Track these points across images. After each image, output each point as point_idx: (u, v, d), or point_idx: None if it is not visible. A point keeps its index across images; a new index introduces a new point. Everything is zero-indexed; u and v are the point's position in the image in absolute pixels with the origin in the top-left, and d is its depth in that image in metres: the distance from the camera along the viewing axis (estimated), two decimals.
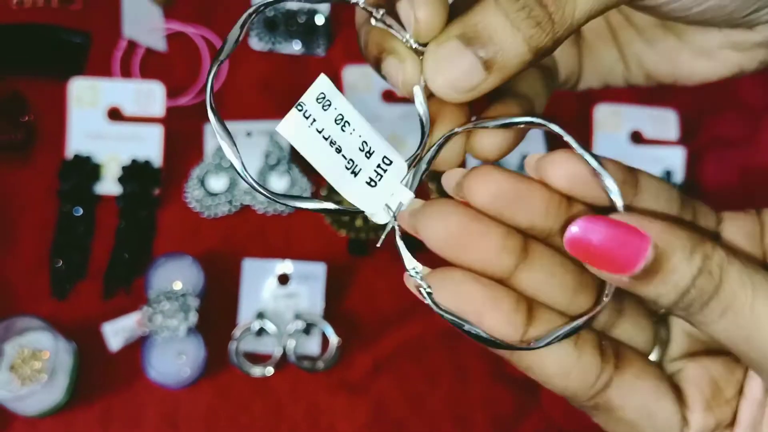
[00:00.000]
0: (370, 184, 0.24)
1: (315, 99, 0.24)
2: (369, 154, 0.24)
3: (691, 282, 0.23)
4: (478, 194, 0.24)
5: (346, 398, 0.61)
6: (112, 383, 0.59)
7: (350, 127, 0.24)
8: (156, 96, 0.66)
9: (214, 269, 0.62)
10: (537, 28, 0.24)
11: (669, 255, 0.23)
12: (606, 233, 0.23)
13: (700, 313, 0.23)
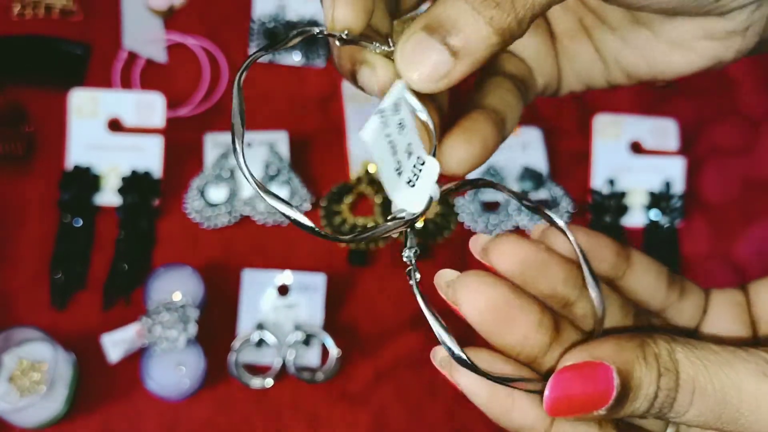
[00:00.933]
0: (409, 184, 0.25)
1: (393, 104, 0.25)
2: (409, 154, 0.25)
3: (657, 386, 0.24)
4: (505, 262, 0.26)
5: (346, 409, 0.60)
6: (112, 394, 0.59)
7: (405, 130, 0.25)
8: (156, 107, 0.66)
9: (213, 280, 0.62)
10: (497, 9, 0.24)
11: (631, 372, 0.24)
12: (578, 381, 0.25)
13: (672, 410, 0.24)
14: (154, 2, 0.73)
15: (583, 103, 0.73)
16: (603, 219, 0.68)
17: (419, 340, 0.63)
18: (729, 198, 0.71)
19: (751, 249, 0.69)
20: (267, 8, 0.73)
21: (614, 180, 0.69)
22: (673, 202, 0.68)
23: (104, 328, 0.58)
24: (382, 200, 0.66)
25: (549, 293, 0.26)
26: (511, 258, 0.26)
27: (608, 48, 0.34)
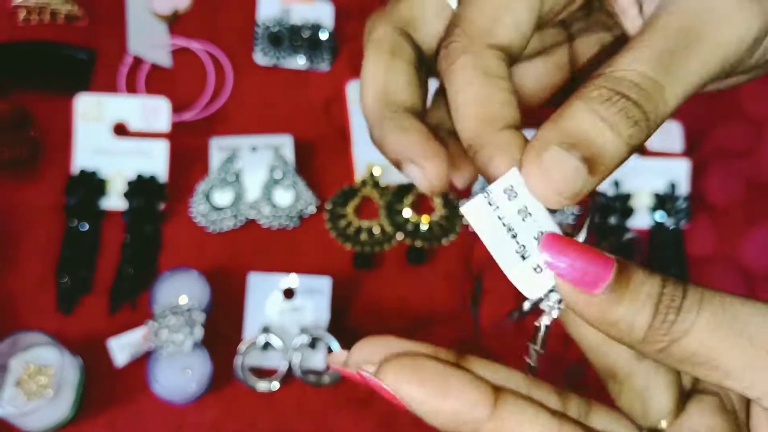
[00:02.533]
0: (536, 270, 0.25)
1: (502, 190, 0.25)
2: (532, 236, 0.25)
3: (661, 288, 0.23)
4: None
5: (352, 412, 0.60)
6: (118, 398, 0.59)
7: (531, 218, 0.25)
8: (161, 111, 0.66)
9: (219, 283, 0.62)
10: (635, 127, 0.24)
11: (632, 271, 0.23)
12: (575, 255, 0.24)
13: (678, 318, 0.23)
14: (159, 7, 0.73)
15: None
16: (608, 221, 0.68)
17: None
18: (734, 199, 0.71)
19: (756, 250, 0.69)
20: (271, 12, 0.73)
21: (619, 182, 0.69)
22: (679, 203, 0.68)
23: (110, 332, 0.59)
24: (387, 203, 0.66)
25: None
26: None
27: None
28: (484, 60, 0.27)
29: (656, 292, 0.23)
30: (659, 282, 0.23)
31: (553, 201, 0.25)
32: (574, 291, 0.24)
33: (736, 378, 0.23)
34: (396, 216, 0.66)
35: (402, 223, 0.66)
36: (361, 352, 0.27)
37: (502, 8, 0.27)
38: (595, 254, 0.24)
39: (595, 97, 0.24)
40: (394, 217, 0.66)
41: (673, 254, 0.68)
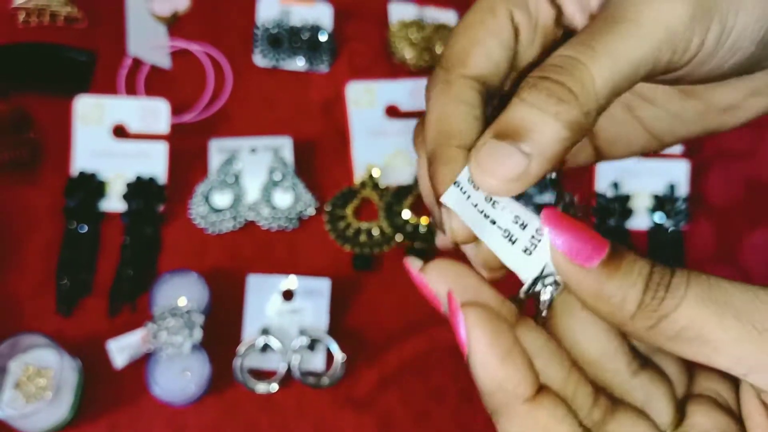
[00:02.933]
0: (526, 252, 0.26)
1: (467, 180, 0.27)
2: (523, 226, 0.26)
3: (651, 268, 0.24)
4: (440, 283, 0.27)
5: (351, 414, 0.60)
6: (117, 400, 0.59)
7: (500, 205, 0.27)
8: (161, 113, 0.66)
9: (218, 285, 0.62)
10: (562, 104, 0.25)
11: (624, 251, 0.25)
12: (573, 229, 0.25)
13: (668, 293, 0.24)
14: (159, 9, 0.73)
15: None
16: (607, 222, 0.68)
17: (424, 345, 0.63)
18: (734, 201, 0.71)
19: (756, 252, 0.69)
20: (271, 14, 0.73)
21: (618, 183, 0.69)
22: (678, 205, 0.68)
23: (110, 334, 0.59)
24: (386, 205, 0.66)
25: None
26: (448, 280, 0.26)
27: (658, 124, 0.35)
28: (456, 87, 0.30)
29: (646, 272, 0.24)
30: (648, 262, 0.25)
31: (498, 189, 0.26)
32: (570, 264, 0.25)
33: (724, 353, 0.23)
34: (395, 217, 0.66)
35: (401, 224, 0.66)
36: (439, 269, 0.27)
37: (475, 43, 0.30)
38: (591, 232, 0.25)
39: (524, 88, 0.26)
40: (394, 219, 0.66)
41: (673, 256, 0.68)
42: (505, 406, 0.25)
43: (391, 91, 0.70)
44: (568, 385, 0.26)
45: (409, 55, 0.73)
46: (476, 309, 0.25)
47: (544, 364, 0.26)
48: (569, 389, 0.26)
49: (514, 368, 0.25)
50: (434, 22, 0.75)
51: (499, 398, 0.25)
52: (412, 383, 0.62)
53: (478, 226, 0.27)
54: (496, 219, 0.27)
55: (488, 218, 0.27)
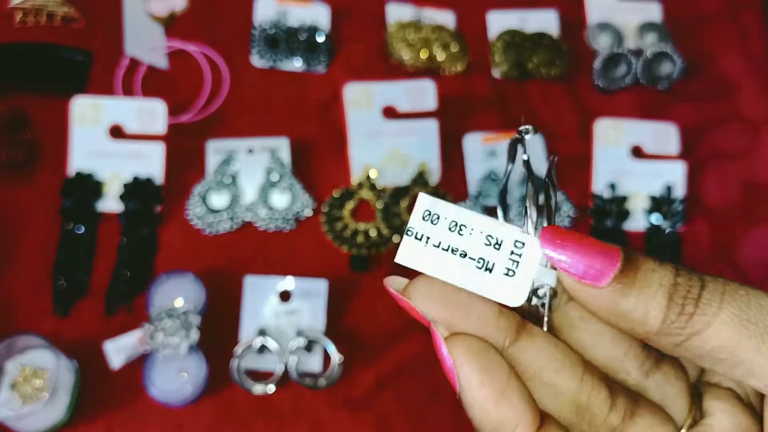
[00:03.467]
0: (508, 275, 0.24)
1: (421, 219, 0.25)
2: (498, 245, 0.24)
3: (674, 278, 0.22)
4: (429, 304, 0.25)
5: (348, 415, 0.60)
6: (114, 401, 0.59)
7: (467, 229, 0.24)
8: (158, 114, 0.66)
9: (215, 286, 0.62)
10: None
11: (640, 261, 0.23)
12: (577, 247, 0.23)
13: (698, 310, 0.22)
14: (156, 9, 0.73)
15: (583, 108, 0.74)
16: (604, 223, 0.68)
17: (421, 346, 0.63)
18: (731, 202, 0.71)
19: (753, 253, 0.69)
20: (268, 14, 0.73)
21: (615, 184, 0.69)
22: (675, 206, 0.68)
23: (106, 335, 0.58)
24: (384, 206, 0.66)
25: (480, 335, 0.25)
26: (435, 300, 0.24)
27: None
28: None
29: (669, 282, 0.22)
30: (671, 271, 0.23)
31: None
32: (581, 285, 0.23)
33: (759, 376, 0.22)
34: (393, 218, 0.66)
35: (399, 225, 0.66)
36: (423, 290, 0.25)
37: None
38: (598, 246, 0.23)
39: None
40: (391, 220, 0.66)
41: (670, 257, 0.68)
42: None
43: (389, 92, 0.70)
44: (582, 393, 0.24)
45: (407, 56, 0.73)
46: (463, 343, 0.23)
47: (553, 376, 0.24)
48: (583, 398, 0.24)
49: (511, 409, 0.23)
50: (432, 23, 0.75)
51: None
52: (409, 384, 0.62)
53: (445, 271, 0.24)
54: (466, 249, 0.24)
55: (456, 253, 0.24)
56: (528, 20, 0.76)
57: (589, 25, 0.77)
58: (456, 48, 0.74)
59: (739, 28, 0.79)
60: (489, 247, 0.24)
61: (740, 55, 0.78)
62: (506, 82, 0.74)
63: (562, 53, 0.74)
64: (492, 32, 0.76)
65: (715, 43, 0.78)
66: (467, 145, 0.70)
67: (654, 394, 0.26)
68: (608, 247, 0.23)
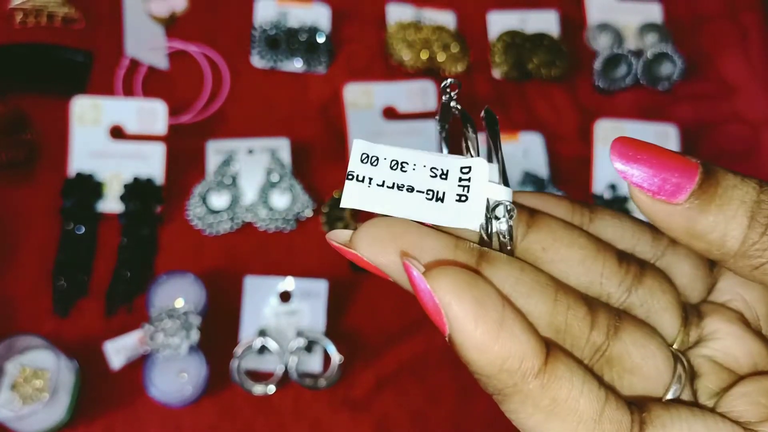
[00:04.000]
0: (461, 200, 0.23)
1: (360, 161, 0.24)
2: (444, 175, 0.23)
3: (760, 192, 0.20)
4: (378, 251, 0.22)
5: (348, 416, 0.60)
6: (114, 402, 0.59)
7: (410, 165, 0.23)
8: (158, 114, 0.66)
9: (215, 287, 0.62)
10: None
11: (720, 175, 0.21)
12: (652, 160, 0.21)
13: None
14: (156, 10, 0.73)
15: (583, 109, 0.74)
16: None
17: (421, 347, 0.63)
18: None
19: None
20: (268, 15, 0.73)
21: (615, 185, 0.69)
22: None
23: (107, 336, 0.59)
24: None
25: None
26: (382, 244, 0.22)
27: None
28: None
29: (751, 199, 0.20)
30: (755, 187, 0.20)
31: None
32: (654, 202, 0.21)
33: None
34: None
35: None
36: (368, 235, 0.22)
37: None
38: (675, 158, 0.21)
39: None
40: None
41: None
42: (512, 387, 0.20)
43: (389, 92, 0.70)
44: (557, 315, 0.22)
45: (407, 56, 0.73)
46: (447, 276, 0.20)
47: (524, 302, 0.21)
48: (560, 320, 0.22)
49: (514, 340, 0.20)
50: (432, 24, 0.75)
51: (504, 380, 0.20)
52: (409, 384, 0.62)
53: (395, 206, 0.23)
54: (412, 184, 0.23)
55: (403, 189, 0.23)
56: (528, 21, 0.76)
57: (589, 26, 0.77)
58: (456, 48, 0.74)
59: (739, 29, 0.79)
60: (435, 178, 0.23)
61: (740, 56, 0.78)
62: (506, 82, 0.74)
63: (562, 54, 0.74)
64: (492, 33, 0.76)
65: (715, 44, 0.78)
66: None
67: (638, 311, 0.24)
68: (686, 160, 0.21)
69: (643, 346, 0.23)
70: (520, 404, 0.21)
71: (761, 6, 0.81)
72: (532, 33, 0.75)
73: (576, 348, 0.22)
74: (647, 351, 0.23)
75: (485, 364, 0.20)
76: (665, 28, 0.77)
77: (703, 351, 0.24)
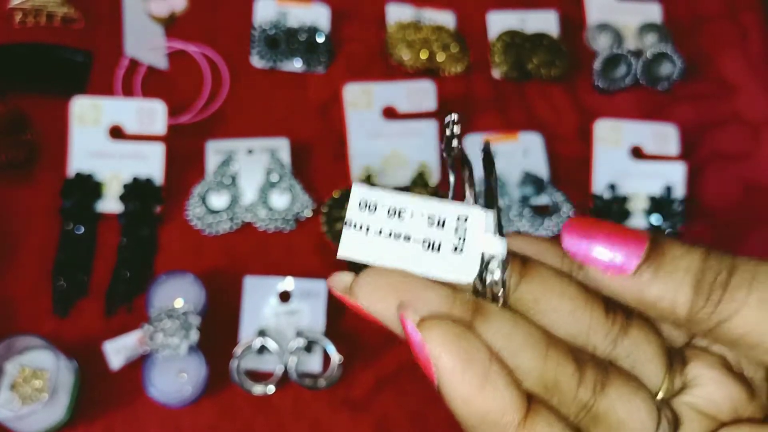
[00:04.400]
0: (456, 251, 0.23)
1: (358, 209, 0.24)
2: (441, 224, 0.23)
3: (702, 262, 0.21)
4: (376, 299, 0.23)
5: (348, 416, 0.60)
6: (113, 402, 0.59)
7: (407, 213, 0.24)
8: (158, 114, 0.66)
9: (215, 287, 0.62)
10: None
11: (667, 246, 0.22)
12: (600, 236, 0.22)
13: (726, 299, 0.21)
14: (156, 9, 0.73)
15: (583, 109, 0.74)
16: None
17: None
18: (730, 203, 0.71)
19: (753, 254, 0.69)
20: (268, 15, 0.73)
21: (615, 185, 0.69)
22: (675, 206, 0.68)
23: (106, 336, 0.58)
24: None
25: None
26: (381, 294, 0.23)
27: None
28: None
29: (696, 267, 0.21)
30: (700, 256, 0.22)
31: None
32: (606, 276, 0.22)
33: None
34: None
35: None
36: (367, 284, 0.23)
37: None
38: (623, 233, 0.22)
39: None
40: None
41: None
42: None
43: (389, 92, 0.70)
44: (547, 371, 0.23)
45: (407, 56, 0.73)
46: (438, 329, 0.21)
47: (516, 356, 0.22)
48: (549, 376, 0.23)
49: (497, 395, 0.21)
50: (432, 24, 0.75)
51: (487, 431, 0.22)
52: (408, 385, 0.62)
53: (391, 257, 0.23)
54: (409, 233, 0.23)
55: (400, 238, 0.23)
56: (528, 21, 0.76)
57: (588, 26, 0.77)
58: (456, 48, 0.74)
59: (738, 29, 0.79)
60: (432, 227, 0.23)
61: (740, 56, 0.78)
62: (506, 82, 0.74)
63: (562, 54, 0.74)
64: (492, 33, 0.76)
65: (715, 44, 0.78)
66: (467, 146, 0.70)
67: (624, 362, 0.24)
68: (633, 233, 0.22)
69: (629, 401, 0.23)
70: None
71: (761, 6, 0.81)
72: (531, 33, 0.75)
73: (563, 405, 0.23)
74: (632, 406, 0.23)
75: (469, 415, 0.21)
76: (665, 28, 0.77)
77: (686, 398, 0.24)
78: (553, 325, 0.24)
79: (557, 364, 0.23)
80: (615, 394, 0.23)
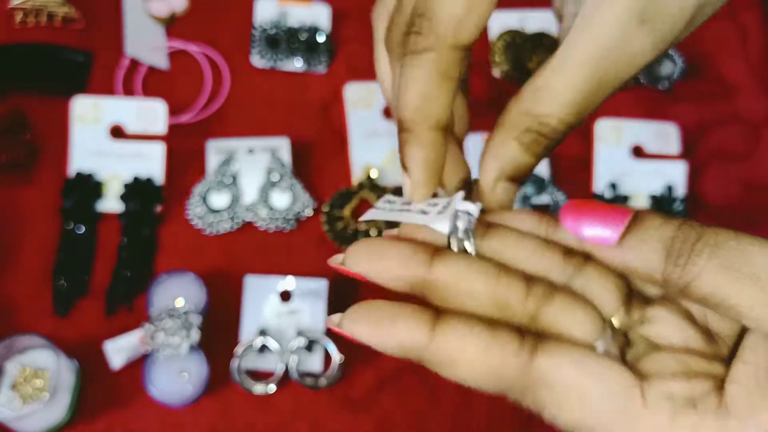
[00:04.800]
0: (439, 213, 0.30)
1: (384, 202, 0.34)
2: (432, 205, 0.31)
3: (677, 228, 0.24)
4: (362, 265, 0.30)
5: (349, 415, 0.60)
6: (114, 401, 0.59)
7: (413, 205, 0.32)
8: (158, 114, 0.66)
9: (216, 286, 0.62)
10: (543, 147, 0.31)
11: (647, 218, 0.25)
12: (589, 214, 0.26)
13: (689, 263, 0.24)
14: (156, 9, 0.73)
15: None
16: None
17: None
18: (731, 202, 0.71)
19: None
20: (268, 15, 0.73)
21: (616, 184, 0.69)
22: (675, 206, 0.68)
23: (107, 335, 0.58)
24: None
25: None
26: (361, 255, 0.29)
27: None
28: (445, 62, 0.30)
29: (668, 236, 0.24)
30: (674, 226, 0.24)
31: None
32: (598, 247, 0.26)
33: (747, 317, 0.24)
34: None
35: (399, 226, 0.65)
36: (354, 253, 0.30)
37: (470, 9, 0.30)
38: (610, 209, 0.26)
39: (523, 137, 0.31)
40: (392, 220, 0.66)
41: None
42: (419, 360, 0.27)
43: None
44: (499, 292, 0.27)
45: None
46: (346, 317, 0.30)
47: (471, 283, 0.27)
48: (501, 296, 0.27)
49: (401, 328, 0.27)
50: None
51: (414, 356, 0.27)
52: (409, 384, 0.62)
53: (399, 218, 0.31)
54: (410, 209, 0.31)
55: (403, 208, 0.32)
56: (528, 20, 0.76)
57: None
58: None
59: (739, 28, 0.79)
60: (427, 206, 0.31)
61: (740, 56, 0.78)
62: (506, 82, 0.74)
63: None
64: (492, 32, 0.76)
65: (715, 44, 0.78)
66: (467, 146, 0.69)
67: (578, 289, 0.28)
68: (619, 210, 0.25)
69: (573, 310, 0.27)
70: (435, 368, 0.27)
71: (761, 6, 0.81)
72: (531, 32, 0.75)
73: (514, 317, 0.27)
74: (576, 314, 0.27)
75: (395, 352, 0.27)
76: None
77: (640, 330, 0.27)
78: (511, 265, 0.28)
79: (508, 285, 0.27)
80: (561, 304, 0.27)
